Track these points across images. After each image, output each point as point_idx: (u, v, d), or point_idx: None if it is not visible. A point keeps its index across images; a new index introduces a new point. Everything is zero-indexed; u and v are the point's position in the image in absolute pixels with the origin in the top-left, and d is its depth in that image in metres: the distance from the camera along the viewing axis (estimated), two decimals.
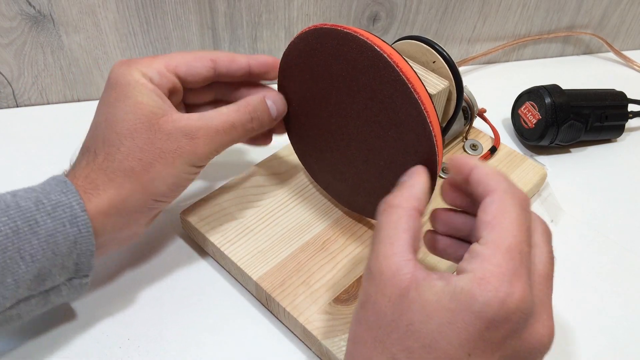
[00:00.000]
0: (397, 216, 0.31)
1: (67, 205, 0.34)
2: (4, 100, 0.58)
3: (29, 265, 0.33)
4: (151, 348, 0.40)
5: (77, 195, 0.35)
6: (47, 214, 0.34)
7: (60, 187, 0.35)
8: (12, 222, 0.33)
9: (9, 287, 0.33)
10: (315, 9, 0.60)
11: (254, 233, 0.45)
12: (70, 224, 0.34)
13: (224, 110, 0.39)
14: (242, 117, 0.40)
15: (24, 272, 0.33)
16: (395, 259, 0.29)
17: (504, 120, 0.62)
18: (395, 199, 0.32)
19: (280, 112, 0.43)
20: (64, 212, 0.34)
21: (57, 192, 0.34)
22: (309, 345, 0.41)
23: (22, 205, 0.33)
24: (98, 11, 0.54)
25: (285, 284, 0.42)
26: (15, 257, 0.32)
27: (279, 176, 0.50)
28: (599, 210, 0.53)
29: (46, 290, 0.36)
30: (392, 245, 0.30)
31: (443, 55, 0.43)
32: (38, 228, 0.33)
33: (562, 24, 0.70)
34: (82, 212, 0.34)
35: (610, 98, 0.58)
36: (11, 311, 0.34)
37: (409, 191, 0.33)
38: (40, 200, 0.34)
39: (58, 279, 0.35)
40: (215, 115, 0.39)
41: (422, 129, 0.33)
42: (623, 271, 0.48)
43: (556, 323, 0.43)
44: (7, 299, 0.33)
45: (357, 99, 0.37)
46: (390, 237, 0.30)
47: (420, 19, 0.64)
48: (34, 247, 0.33)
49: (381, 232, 0.31)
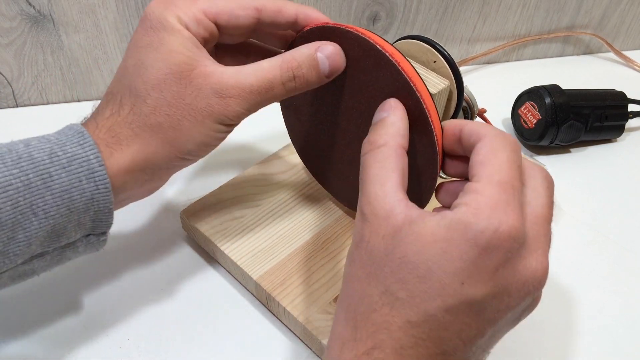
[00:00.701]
0: (383, 155, 0.31)
1: (84, 159, 0.32)
2: (4, 100, 0.58)
3: (42, 222, 0.31)
4: (151, 348, 0.40)
5: (94, 148, 0.32)
6: (61, 167, 0.32)
7: (77, 139, 0.33)
8: (24, 175, 0.31)
9: (20, 243, 0.31)
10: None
11: (254, 233, 0.45)
12: (87, 179, 0.32)
13: (264, 65, 0.35)
14: (284, 75, 0.35)
15: (37, 228, 0.31)
16: (387, 199, 0.30)
17: (504, 120, 0.62)
18: (381, 138, 0.32)
19: (335, 69, 0.36)
20: (80, 166, 0.32)
21: (73, 143, 0.32)
22: (309, 345, 0.41)
23: (35, 156, 0.31)
24: (98, 11, 0.54)
25: (285, 284, 0.42)
26: (27, 213, 0.31)
27: (279, 176, 0.50)
28: (599, 210, 0.53)
29: (61, 246, 0.34)
30: (383, 185, 0.30)
31: (444, 54, 0.43)
32: (52, 182, 0.31)
33: (562, 24, 0.70)
34: (100, 167, 0.32)
35: (610, 98, 0.58)
36: (24, 267, 0.33)
37: (393, 128, 0.32)
38: (54, 152, 0.32)
39: (74, 236, 0.34)
40: (252, 73, 0.34)
41: (424, 128, 0.33)
42: (623, 271, 0.48)
43: (556, 323, 0.44)
44: (19, 255, 0.32)
45: (358, 97, 0.37)
46: (379, 176, 0.30)
47: (420, 19, 0.64)
48: (48, 203, 0.31)
49: (369, 172, 0.31)
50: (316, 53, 0.36)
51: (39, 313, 0.41)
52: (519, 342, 0.42)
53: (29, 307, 0.42)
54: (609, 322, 0.45)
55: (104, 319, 0.42)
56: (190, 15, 0.35)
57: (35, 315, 0.41)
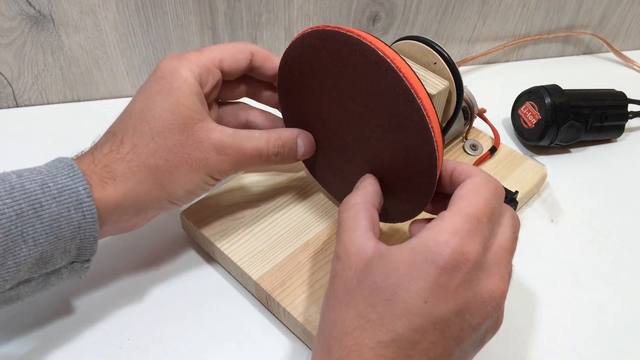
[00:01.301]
0: (355, 210, 0.35)
1: (73, 190, 0.34)
2: (4, 100, 0.58)
3: (32, 249, 0.33)
4: (151, 348, 0.40)
5: (83, 180, 0.34)
6: (52, 197, 0.33)
7: (67, 171, 0.34)
8: (17, 204, 0.32)
9: (10, 269, 0.32)
10: (315, 9, 0.60)
11: (254, 233, 0.45)
12: (75, 209, 0.34)
13: (255, 135, 0.40)
14: (271, 149, 0.40)
15: (26, 255, 0.33)
16: (358, 240, 0.33)
17: (504, 120, 0.62)
18: (352, 199, 0.36)
19: (305, 154, 0.43)
20: (69, 196, 0.34)
21: (63, 175, 0.34)
22: (309, 345, 0.41)
23: (28, 187, 0.33)
24: (98, 11, 0.54)
25: (285, 284, 0.42)
26: (18, 241, 0.32)
27: (279, 176, 0.50)
28: (599, 210, 0.53)
29: (47, 273, 0.35)
30: (354, 230, 0.33)
31: (443, 55, 0.43)
32: (43, 212, 0.33)
33: (562, 24, 0.70)
34: (88, 198, 0.34)
35: (610, 98, 0.58)
36: (10, 292, 0.34)
37: (363, 191, 0.37)
38: (46, 184, 0.33)
39: (59, 263, 0.35)
40: (247, 138, 0.39)
41: (423, 131, 0.34)
42: (623, 271, 0.48)
43: (556, 323, 0.44)
44: (7, 281, 0.33)
45: (358, 101, 0.37)
46: (351, 226, 0.34)
47: (420, 19, 0.64)
48: (38, 231, 0.33)
49: (343, 225, 0.34)
50: (297, 139, 0.42)
51: (39, 313, 0.42)
52: (518, 342, 0.42)
53: (28, 307, 0.42)
54: (609, 322, 0.45)
55: (104, 319, 0.42)
56: (201, 66, 0.38)
57: (35, 316, 0.41)
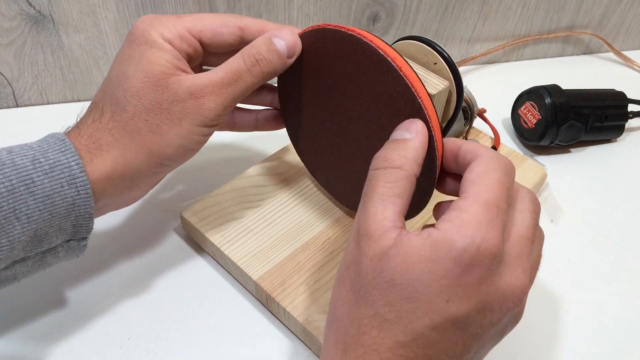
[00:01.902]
0: (395, 177, 0.31)
1: (66, 165, 0.33)
2: (4, 100, 0.58)
3: (25, 226, 0.32)
4: (151, 348, 0.40)
5: (76, 155, 0.33)
6: (44, 173, 0.32)
7: (58, 146, 0.34)
8: (8, 180, 0.31)
9: (3, 247, 0.32)
10: (315, 9, 0.60)
11: (254, 233, 0.45)
12: (69, 184, 0.33)
13: (228, 60, 0.37)
14: (247, 62, 0.37)
15: (20, 233, 0.32)
16: (385, 222, 0.30)
17: (504, 120, 0.62)
18: (398, 160, 0.31)
19: (292, 50, 0.38)
20: (62, 172, 0.33)
21: (55, 150, 0.33)
22: (309, 345, 0.41)
23: (19, 163, 0.32)
24: (98, 11, 0.54)
25: (285, 284, 0.42)
26: (10, 218, 0.31)
27: (279, 176, 0.50)
28: (599, 210, 0.53)
29: (42, 251, 0.35)
30: (385, 208, 0.30)
31: (443, 55, 0.43)
32: (35, 188, 0.32)
33: (562, 24, 0.70)
34: (81, 173, 0.33)
35: (610, 98, 0.58)
36: (6, 272, 0.34)
37: (412, 153, 0.32)
38: (37, 159, 0.33)
39: (55, 241, 0.35)
40: (219, 68, 0.37)
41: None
42: (623, 271, 0.48)
43: (557, 323, 0.44)
44: (2, 260, 0.32)
45: (358, 100, 0.37)
46: (384, 198, 0.30)
47: (420, 19, 0.64)
48: (30, 208, 0.32)
49: (376, 189, 0.31)
50: (272, 37, 0.37)
51: (38, 313, 0.41)
52: (518, 343, 0.42)
53: (27, 307, 0.42)
54: (609, 322, 0.45)
55: (104, 319, 0.42)
56: (174, 32, 0.37)
57: (34, 315, 0.41)
